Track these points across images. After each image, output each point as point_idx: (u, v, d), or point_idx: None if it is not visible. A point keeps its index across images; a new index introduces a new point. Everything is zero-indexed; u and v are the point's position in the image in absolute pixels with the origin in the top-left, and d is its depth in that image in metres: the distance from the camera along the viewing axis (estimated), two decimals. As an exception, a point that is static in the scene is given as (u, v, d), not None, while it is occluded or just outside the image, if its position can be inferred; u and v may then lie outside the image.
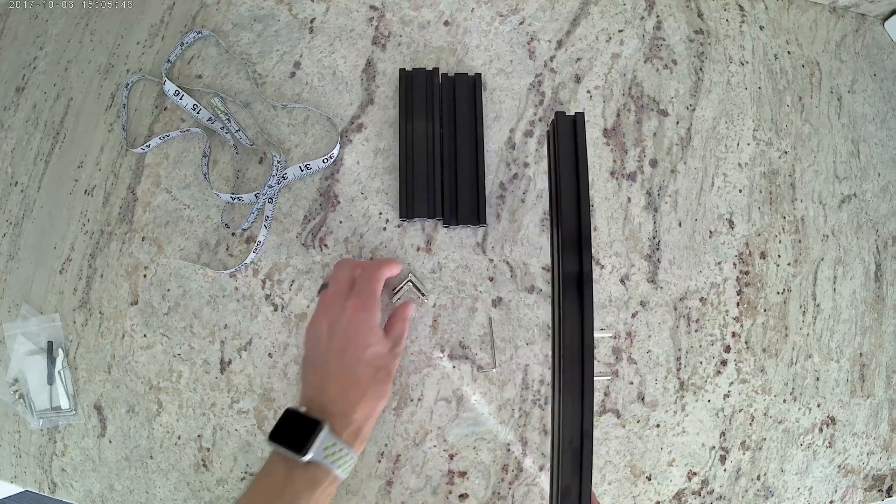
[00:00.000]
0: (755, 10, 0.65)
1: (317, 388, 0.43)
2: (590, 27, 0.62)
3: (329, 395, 0.42)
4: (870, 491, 0.57)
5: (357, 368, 0.43)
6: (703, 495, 0.55)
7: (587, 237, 0.34)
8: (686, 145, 0.60)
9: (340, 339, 0.44)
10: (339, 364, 0.43)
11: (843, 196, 0.62)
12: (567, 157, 0.36)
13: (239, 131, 0.58)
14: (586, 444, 0.33)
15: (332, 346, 0.44)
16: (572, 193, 0.35)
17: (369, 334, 0.44)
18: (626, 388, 0.55)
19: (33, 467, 0.56)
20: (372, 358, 0.44)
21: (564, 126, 0.37)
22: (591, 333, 0.33)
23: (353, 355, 0.43)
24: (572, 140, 0.37)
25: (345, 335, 0.44)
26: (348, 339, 0.44)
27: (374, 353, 0.44)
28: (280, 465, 0.40)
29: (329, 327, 0.44)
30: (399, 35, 0.61)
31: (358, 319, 0.44)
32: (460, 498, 0.53)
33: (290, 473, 0.39)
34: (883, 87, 0.65)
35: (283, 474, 0.39)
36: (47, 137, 0.62)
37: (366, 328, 0.44)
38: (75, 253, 0.59)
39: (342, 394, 0.42)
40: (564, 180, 0.36)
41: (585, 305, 0.33)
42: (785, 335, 0.58)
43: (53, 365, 0.56)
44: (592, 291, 0.33)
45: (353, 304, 0.45)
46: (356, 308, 0.45)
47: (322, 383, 0.43)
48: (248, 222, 0.56)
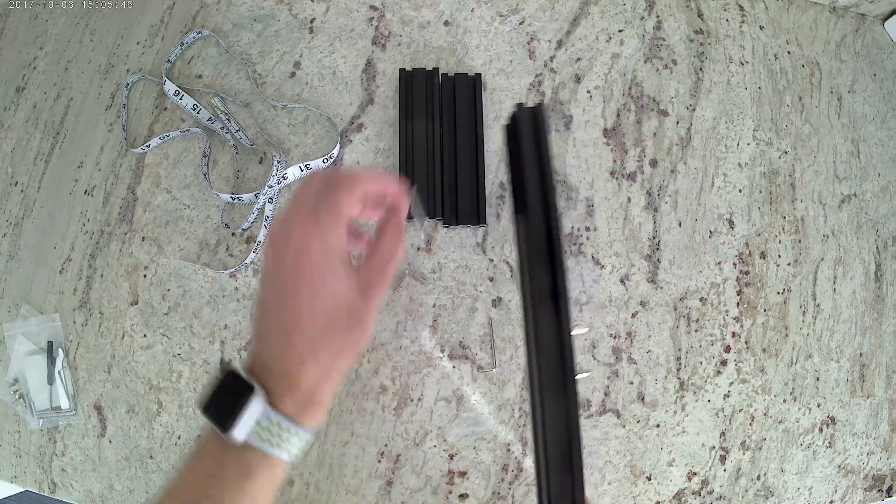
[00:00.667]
0: (755, 10, 0.65)
1: (261, 341, 0.33)
2: (590, 27, 0.62)
3: (272, 352, 0.32)
4: (870, 491, 0.57)
5: (304, 316, 0.32)
6: (703, 495, 0.55)
7: (558, 240, 0.32)
8: (686, 145, 0.60)
9: (287, 276, 0.33)
10: (285, 310, 0.33)
11: (843, 196, 0.62)
12: (530, 152, 0.34)
13: (239, 131, 0.58)
14: (576, 457, 0.30)
15: (277, 284, 0.33)
16: (537, 191, 0.33)
17: (324, 267, 0.32)
18: (626, 388, 0.55)
19: (33, 467, 0.56)
20: (328, 300, 0.32)
21: (526, 119, 0.34)
22: (569, 331, 0.31)
23: (301, 297, 0.32)
24: (533, 134, 0.34)
25: (293, 270, 0.32)
26: (297, 274, 0.32)
27: (331, 293, 0.32)
28: (213, 443, 0.31)
29: (274, 259, 0.33)
30: (399, 35, 0.61)
31: (309, 248, 0.32)
32: (460, 498, 0.53)
33: (220, 458, 0.31)
34: (883, 87, 0.65)
35: (214, 457, 0.31)
36: (47, 137, 0.62)
37: (320, 259, 0.32)
38: (75, 253, 0.59)
39: (286, 349, 0.32)
40: (529, 178, 0.33)
41: (561, 306, 0.31)
42: (785, 335, 0.58)
43: (53, 365, 0.56)
44: (568, 296, 0.31)
45: (302, 228, 0.32)
46: (307, 233, 0.32)
47: (266, 335, 0.33)
48: (248, 222, 0.56)
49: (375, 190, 0.35)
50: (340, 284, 0.33)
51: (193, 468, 0.32)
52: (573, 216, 0.58)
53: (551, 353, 0.31)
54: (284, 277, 0.33)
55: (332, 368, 0.33)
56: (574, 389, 0.31)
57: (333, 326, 0.33)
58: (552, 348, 0.31)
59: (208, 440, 0.32)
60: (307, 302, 0.32)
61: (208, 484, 0.31)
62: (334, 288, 0.33)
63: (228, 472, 0.30)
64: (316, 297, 0.32)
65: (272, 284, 0.33)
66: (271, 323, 0.33)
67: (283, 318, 0.32)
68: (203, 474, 0.31)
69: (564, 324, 0.31)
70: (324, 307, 0.33)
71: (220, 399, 0.31)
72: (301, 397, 0.32)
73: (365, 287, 0.34)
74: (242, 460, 0.31)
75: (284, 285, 0.33)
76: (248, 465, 0.31)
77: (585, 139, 0.59)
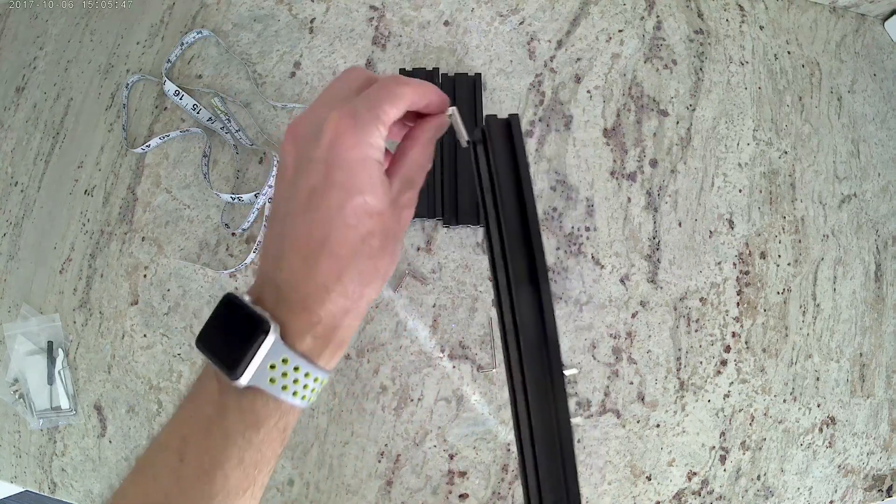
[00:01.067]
0: (755, 10, 0.65)
1: (271, 261, 0.27)
2: (590, 27, 0.62)
3: (286, 274, 0.26)
4: (870, 491, 0.57)
5: (335, 230, 0.26)
6: (703, 495, 0.55)
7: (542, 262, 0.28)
8: (686, 145, 0.60)
9: (313, 175, 0.26)
10: (305, 220, 0.26)
11: (843, 196, 0.62)
12: (504, 166, 0.29)
13: (239, 131, 0.58)
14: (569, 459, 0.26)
15: (300, 186, 0.26)
16: (514, 209, 0.28)
17: (358, 172, 0.26)
18: (626, 388, 0.55)
19: (33, 467, 0.56)
20: (362, 213, 0.26)
21: (497, 130, 0.29)
22: (552, 317, 0.27)
23: (327, 206, 0.26)
24: (508, 145, 0.29)
25: (322, 168, 0.26)
26: (327, 174, 0.26)
27: (362, 204, 0.26)
28: (211, 384, 0.26)
29: (297, 156, 0.27)
30: (399, 35, 0.61)
31: (343, 141, 0.26)
32: (460, 498, 0.53)
33: (222, 404, 0.25)
34: (883, 87, 0.65)
35: (213, 403, 0.26)
36: (47, 137, 0.62)
37: (358, 154, 0.26)
38: (75, 253, 0.59)
39: (309, 274, 0.26)
40: (505, 196, 0.29)
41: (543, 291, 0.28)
42: (785, 335, 0.58)
43: (53, 365, 0.56)
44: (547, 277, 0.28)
45: (338, 120, 0.26)
46: (342, 126, 0.26)
47: (281, 255, 0.26)
48: (248, 222, 0.56)
49: (419, 103, 0.29)
50: (377, 194, 0.26)
51: (188, 416, 0.27)
52: (573, 216, 0.58)
53: (532, 342, 0.27)
54: (310, 177, 0.26)
55: (359, 298, 0.27)
56: (562, 383, 0.27)
57: (368, 246, 0.26)
58: (533, 337, 0.27)
59: (206, 382, 0.26)
60: (337, 213, 0.26)
61: (206, 434, 0.25)
62: (370, 198, 0.26)
63: (231, 421, 0.25)
64: (349, 205, 0.26)
65: (292, 188, 0.27)
66: (290, 239, 0.26)
67: (308, 232, 0.26)
68: (200, 423, 0.26)
69: (547, 309, 0.27)
70: (357, 221, 0.26)
71: (225, 334, 0.26)
72: (322, 332, 0.26)
73: (395, 202, 0.28)
74: (249, 407, 0.25)
75: (311, 188, 0.26)
76: (255, 412, 0.25)
77: (585, 139, 0.59)
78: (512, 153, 0.29)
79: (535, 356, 0.27)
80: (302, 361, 0.25)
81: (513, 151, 0.29)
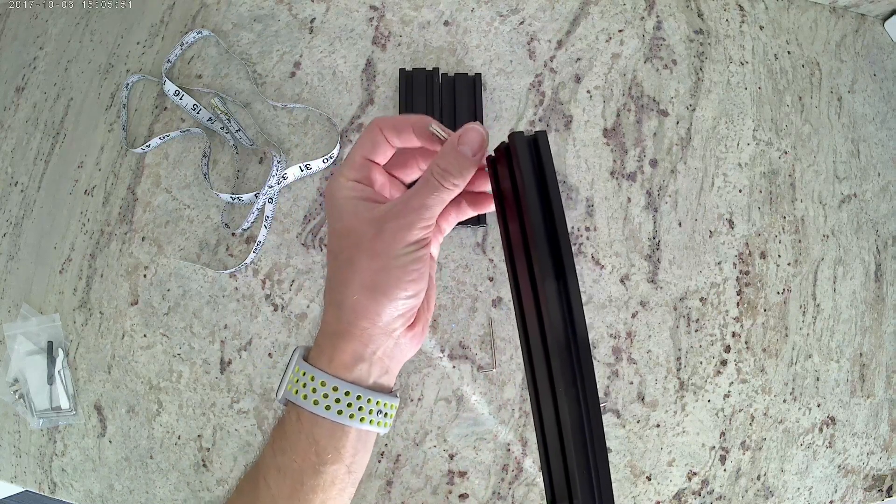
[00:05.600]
0: (755, 10, 0.65)
1: None
2: (590, 27, 0.62)
3: (327, 293, 0.31)
4: (870, 491, 0.57)
5: (331, 243, 0.31)
6: (703, 495, 0.55)
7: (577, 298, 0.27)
8: (686, 145, 0.60)
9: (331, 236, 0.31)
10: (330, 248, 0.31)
11: (843, 196, 0.62)
12: (531, 187, 0.28)
13: (239, 131, 0.58)
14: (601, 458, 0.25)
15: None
16: (542, 234, 0.27)
17: (328, 206, 0.31)
18: (626, 388, 0.55)
19: (33, 467, 0.56)
20: (331, 236, 0.31)
21: (523, 149, 0.28)
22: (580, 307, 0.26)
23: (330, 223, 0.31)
24: (536, 165, 0.28)
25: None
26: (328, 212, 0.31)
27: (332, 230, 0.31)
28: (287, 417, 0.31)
29: None
30: (399, 35, 0.61)
31: (326, 191, 0.31)
32: (460, 498, 0.53)
33: (282, 423, 0.30)
34: (883, 87, 0.65)
35: (281, 425, 0.31)
36: (47, 137, 0.62)
37: (327, 198, 0.31)
38: (75, 253, 0.59)
39: (334, 281, 0.30)
40: (533, 220, 0.28)
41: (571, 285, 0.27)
42: (785, 335, 0.58)
43: (53, 365, 0.56)
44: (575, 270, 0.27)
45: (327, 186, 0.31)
46: (329, 187, 0.31)
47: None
48: (248, 222, 0.56)
49: (396, 138, 0.31)
50: (342, 219, 0.30)
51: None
52: (573, 216, 0.58)
53: (559, 336, 0.26)
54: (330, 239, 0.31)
55: (373, 288, 0.28)
56: (592, 378, 0.26)
57: (337, 261, 0.30)
58: (559, 330, 0.26)
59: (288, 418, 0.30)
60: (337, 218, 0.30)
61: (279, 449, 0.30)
62: (335, 222, 0.30)
63: (294, 436, 0.29)
64: (328, 235, 0.31)
65: None
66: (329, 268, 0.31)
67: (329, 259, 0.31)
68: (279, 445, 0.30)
69: (575, 300, 0.26)
70: (329, 243, 0.31)
71: None
72: (338, 329, 0.29)
73: (380, 220, 0.30)
74: (297, 420, 0.29)
75: None
76: (282, 426, 0.30)
77: (585, 139, 0.59)
78: (541, 173, 0.28)
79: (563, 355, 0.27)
80: (316, 372, 0.29)
81: (542, 171, 0.28)
